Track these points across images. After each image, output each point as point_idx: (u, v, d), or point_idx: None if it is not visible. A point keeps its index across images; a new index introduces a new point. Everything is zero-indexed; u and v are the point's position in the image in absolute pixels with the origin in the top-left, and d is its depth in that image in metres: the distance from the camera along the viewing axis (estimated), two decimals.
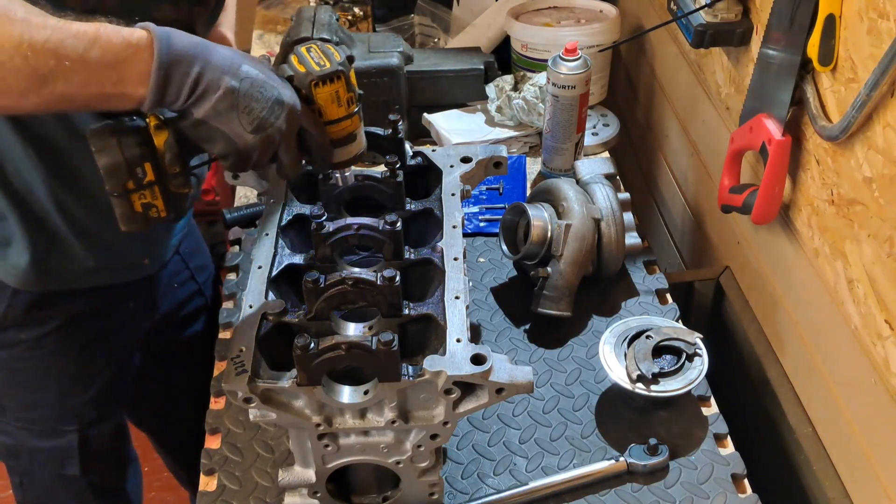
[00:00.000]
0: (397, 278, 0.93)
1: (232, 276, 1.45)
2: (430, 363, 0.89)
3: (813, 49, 1.08)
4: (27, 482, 1.53)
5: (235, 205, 1.60)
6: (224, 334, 1.35)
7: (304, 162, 0.95)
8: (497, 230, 1.39)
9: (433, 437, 0.97)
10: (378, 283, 0.92)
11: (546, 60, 1.52)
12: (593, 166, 1.44)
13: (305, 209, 1.09)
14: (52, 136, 1.15)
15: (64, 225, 1.22)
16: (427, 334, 0.97)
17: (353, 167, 1.00)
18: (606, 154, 1.69)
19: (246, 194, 1.62)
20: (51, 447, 1.45)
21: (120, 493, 1.63)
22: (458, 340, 0.91)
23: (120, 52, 0.81)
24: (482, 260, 1.47)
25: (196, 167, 0.92)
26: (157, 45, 0.82)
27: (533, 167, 1.65)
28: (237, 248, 1.51)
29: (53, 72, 0.79)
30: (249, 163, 0.88)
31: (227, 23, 1.39)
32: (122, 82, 0.82)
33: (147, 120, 0.86)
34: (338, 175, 1.00)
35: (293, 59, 0.91)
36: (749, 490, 1.13)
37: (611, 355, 1.20)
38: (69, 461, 1.46)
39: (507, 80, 1.67)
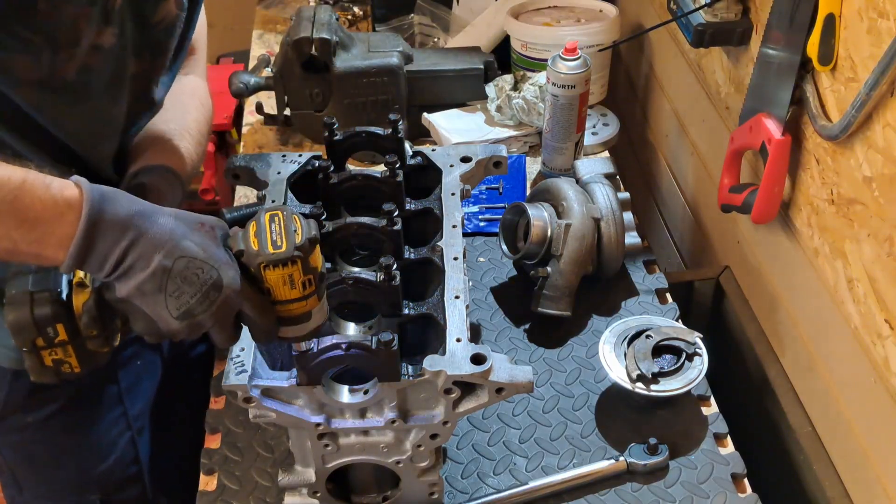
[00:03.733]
0: (397, 278, 0.93)
1: None
2: (430, 363, 0.89)
3: (813, 48, 1.08)
4: None
5: (235, 204, 1.59)
6: None
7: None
8: (497, 230, 1.39)
9: (433, 436, 0.97)
10: (378, 281, 0.92)
11: (546, 60, 1.52)
12: (593, 166, 1.44)
13: (305, 208, 1.09)
14: None
15: None
16: (427, 334, 0.97)
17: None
18: (606, 154, 1.69)
19: (246, 194, 1.61)
20: None
21: None
22: (458, 340, 0.91)
23: (43, 211, 0.73)
24: (482, 260, 1.47)
25: (118, 331, 0.84)
26: (86, 207, 0.73)
27: (533, 167, 1.65)
28: None
29: None
30: (173, 340, 0.81)
31: (199, 70, 1.29)
32: (40, 243, 0.74)
33: (71, 276, 0.79)
34: (293, 345, 0.87)
35: (251, 228, 0.79)
36: (749, 490, 1.13)
37: (611, 355, 1.20)
38: None
39: (506, 80, 1.67)
